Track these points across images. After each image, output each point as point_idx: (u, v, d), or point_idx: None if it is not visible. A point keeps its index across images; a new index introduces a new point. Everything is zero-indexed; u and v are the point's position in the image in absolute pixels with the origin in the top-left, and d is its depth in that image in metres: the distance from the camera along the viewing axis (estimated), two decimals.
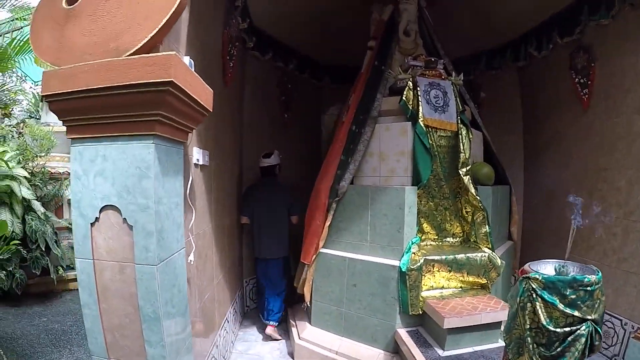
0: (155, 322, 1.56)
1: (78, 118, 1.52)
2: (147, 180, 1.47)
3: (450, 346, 2.36)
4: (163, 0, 1.47)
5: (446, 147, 2.88)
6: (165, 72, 1.36)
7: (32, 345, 3.25)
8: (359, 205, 2.79)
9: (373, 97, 2.95)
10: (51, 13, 1.61)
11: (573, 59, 3.41)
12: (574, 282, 1.56)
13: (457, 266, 2.64)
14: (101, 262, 1.58)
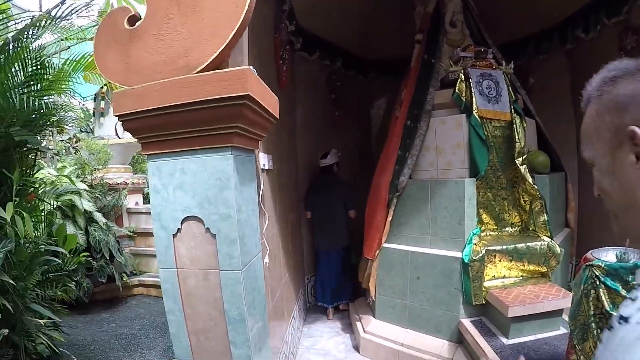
0: (240, 323, 1.69)
1: (153, 135, 1.63)
2: (228, 190, 1.59)
3: (514, 334, 2.45)
4: (228, 16, 1.57)
5: (501, 138, 2.95)
6: (242, 86, 1.45)
7: (104, 351, 3.48)
8: (418, 199, 2.91)
9: (425, 91, 3.04)
10: (114, 35, 1.72)
11: (622, 40, 3.38)
12: (636, 268, 1.67)
13: (518, 255, 2.71)
14: (184, 270, 1.71)
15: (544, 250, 2.73)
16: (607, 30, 3.49)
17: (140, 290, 4.92)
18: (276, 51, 2.89)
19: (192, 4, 1.57)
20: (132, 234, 4.96)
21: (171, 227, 1.66)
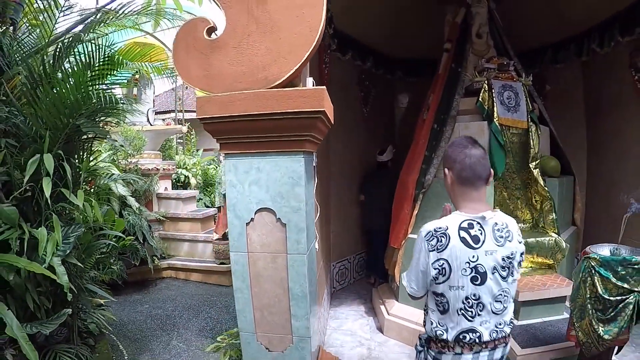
0: (302, 299, 2.16)
1: (234, 137, 2.07)
2: (299, 187, 2.06)
3: (523, 317, 2.96)
4: (303, 38, 1.99)
5: (518, 143, 3.42)
6: (319, 103, 1.90)
7: (141, 330, 3.94)
8: (442, 196, 3.34)
9: (451, 98, 3.51)
10: (194, 44, 2.13)
11: (633, 58, 3.86)
12: (624, 261, 2.19)
13: (528, 248, 3.16)
14: (254, 254, 2.18)
15: (552, 245, 3.20)
16: (620, 47, 3.95)
17: (169, 273, 5.47)
18: (320, 56, 3.36)
19: (270, 24, 2.02)
20: (163, 219, 5.48)
21: (245, 217, 2.13)
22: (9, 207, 2.33)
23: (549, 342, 2.74)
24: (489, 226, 1.52)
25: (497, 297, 1.51)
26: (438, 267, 1.50)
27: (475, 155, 1.58)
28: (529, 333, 2.84)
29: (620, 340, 2.31)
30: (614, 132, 4.20)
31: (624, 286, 2.16)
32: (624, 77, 3.97)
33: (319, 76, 3.36)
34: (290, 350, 2.23)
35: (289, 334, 2.21)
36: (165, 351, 3.56)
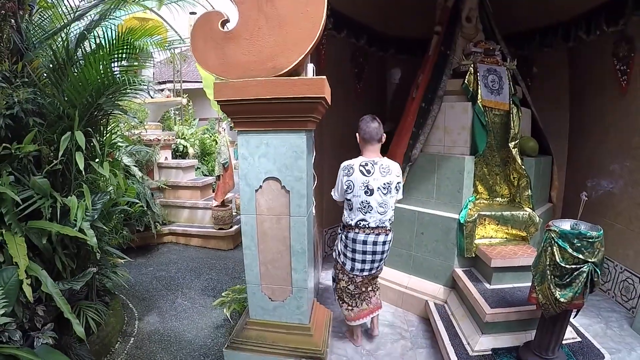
0: (302, 255, 2.68)
1: (246, 117, 2.53)
2: (301, 160, 2.54)
3: (495, 282, 3.49)
4: (307, 32, 2.42)
5: (499, 124, 3.89)
6: (320, 90, 2.37)
7: (147, 290, 4.53)
8: (427, 170, 3.91)
9: (439, 79, 3.97)
10: (211, 34, 2.54)
11: (616, 47, 4.29)
12: (580, 234, 2.64)
13: (504, 221, 3.73)
14: (262, 216, 2.68)
15: (525, 219, 3.73)
16: (605, 36, 4.36)
17: (170, 238, 6.08)
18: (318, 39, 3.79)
19: (278, 19, 2.46)
20: (164, 187, 6.01)
21: (254, 185, 2.62)
22: (41, 179, 2.79)
23: (516, 305, 3.23)
24: (377, 165, 2.98)
25: (380, 204, 2.98)
26: (347, 185, 2.96)
27: (372, 126, 3.04)
28: (499, 296, 3.35)
29: (575, 305, 2.77)
30: (594, 116, 4.71)
31: (578, 256, 2.61)
32: (606, 65, 4.42)
33: (317, 57, 3.81)
34: (289, 299, 2.76)
35: (289, 286, 2.73)
36: (172, 308, 4.14)
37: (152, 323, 3.89)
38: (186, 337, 3.65)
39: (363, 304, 3.32)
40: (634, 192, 4.17)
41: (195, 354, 3.40)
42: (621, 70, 4.26)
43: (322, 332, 2.94)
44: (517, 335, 3.20)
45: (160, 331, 3.74)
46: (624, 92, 4.26)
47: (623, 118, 4.31)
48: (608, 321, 4.01)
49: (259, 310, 2.84)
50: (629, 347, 3.58)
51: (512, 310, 3.17)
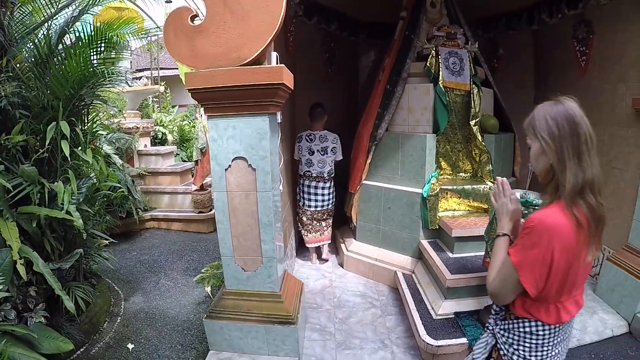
0: (269, 227, 3.09)
1: (215, 103, 2.90)
2: (265, 140, 2.93)
3: (457, 251, 3.96)
4: (267, 25, 2.78)
5: (460, 103, 4.36)
6: (279, 77, 2.74)
7: (132, 274, 4.98)
8: (392, 148, 4.37)
9: (403, 62, 4.40)
10: (181, 28, 2.90)
11: (576, 30, 4.77)
12: (526, 202, 3.01)
13: (465, 194, 4.21)
14: (232, 192, 3.07)
15: (486, 192, 4.20)
16: (566, 19, 4.82)
17: (152, 224, 6.56)
18: (286, 26, 4.21)
19: (242, 14, 2.86)
20: (144, 173, 6.46)
21: (224, 164, 3.01)
22: (29, 167, 3.18)
23: (476, 271, 3.69)
24: (317, 135, 4.69)
25: (319, 161, 4.69)
26: (298, 148, 4.72)
27: (316, 111, 4.68)
28: (460, 264, 3.81)
29: None
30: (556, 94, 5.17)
31: None
32: (567, 46, 4.91)
33: (285, 45, 4.23)
34: (261, 269, 3.19)
35: (259, 256, 3.16)
36: (156, 289, 4.59)
37: (137, 303, 4.32)
38: (170, 314, 4.09)
39: (316, 234, 4.97)
40: None
41: (178, 328, 3.84)
42: (581, 51, 4.74)
43: (293, 299, 3.38)
44: (479, 299, 3.66)
45: (145, 310, 4.17)
46: (583, 73, 4.75)
47: (582, 97, 4.69)
48: None
49: (233, 280, 3.27)
50: (592, 310, 4.06)
51: (472, 276, 3.62)
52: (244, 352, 3.25)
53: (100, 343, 3.60)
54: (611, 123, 4.40)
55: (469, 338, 3.28)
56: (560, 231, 1.48)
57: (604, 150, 4.49)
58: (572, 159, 1.53)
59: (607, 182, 4.45)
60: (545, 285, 1.52)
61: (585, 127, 1.57)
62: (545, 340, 1.63)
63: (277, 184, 3.23)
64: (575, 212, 1.49)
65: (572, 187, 1.51)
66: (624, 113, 4.25)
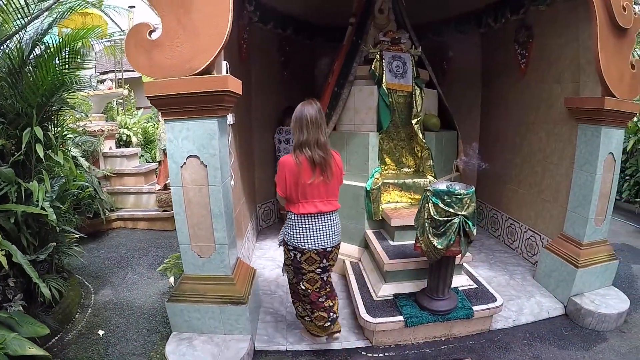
0: (220, 217, 3.85)
1: (170, 108, 3.64)
2: (214, 140, 3.67)
3: (397, 239, 4.79)
4: (215, 39, 3.50)
5: (403, 104, 5.20)
6: (224, 85, 3.50)
7: (100, 270, 5.79)
8: (338, 145, 5.20)
9: (350, 66, 5.24)
10: (140, 42, 3.61)
11: (517, 34, 5.68)
12: (449, 192, 3.74)
13: (406, 187, 5.06)
14: (187, 187, 3.82)
15: (427, 185, 4.99)
16: (509, 23, 5.74)
17: (118, 223, 7.43)
18: (239, 34, 5.03)
19: (193, 29, 3.61)
20: (110, 175, 7.30)
21: (180, 162, 3.76)
22: (6, 168, 3.94)
23: (412, 257, 4.41)
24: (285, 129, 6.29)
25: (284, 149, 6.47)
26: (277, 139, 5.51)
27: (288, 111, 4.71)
28: (399, 250, 4.59)
29: (452, 252, 3.84)
30: (500, 95, 6.15)
31: (449, 210, 3.67)
32: (509, 49, 5.83)
33: (239, 52, 5.06)
34: (214, 255, 3.95)
35: (213, 243, 3.91)
36: (123, 282, 5.38)
37: (106, 295, 5.10)
38: (136, 304, 4.87)
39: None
40: (532, 161, 5.59)
41: (145, 315, 4.62)
42: (521, 54, 5.66)
43: (245, 283, 4.15)
44: (417, 282, 4.46)
45: (114, 301, 4.95)
46: (523, 74, 5.68)
47: (522, 97, 5.73)
48: (513, 274, 5.42)
49: (191, 266, 4.03)
50: (529, 294, 4.92)
51: (409, 261, 4.41)
52: (202, 332, 4.00)
53: (73, 331, 4.35)
54: (547, 121, 5.28)
55: (404, 316, 4.04)
56: (287, 165, 3.44)
57: (541, 147, 5.40)
58: (298, 131, 3.44)
59: (545, 176, 5.37)
60: (288, 192, 3.52)
61: (307, 116, 3.40)
62: (294, 222, 3.57)
63: (227, 179, 4.00)
64: (296, 156, 3.42)
65: (295, 144, 3.48)
66: (558, 112, 5.08)
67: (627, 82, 4.53)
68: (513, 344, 4.17)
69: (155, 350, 3.99)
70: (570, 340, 4.27)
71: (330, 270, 3.82)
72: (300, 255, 3.63)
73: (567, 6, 4.85)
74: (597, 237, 4.82)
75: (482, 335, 4.33)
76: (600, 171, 4.56)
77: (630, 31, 4.43)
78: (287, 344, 4.08)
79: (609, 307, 4.53)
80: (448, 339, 4.28)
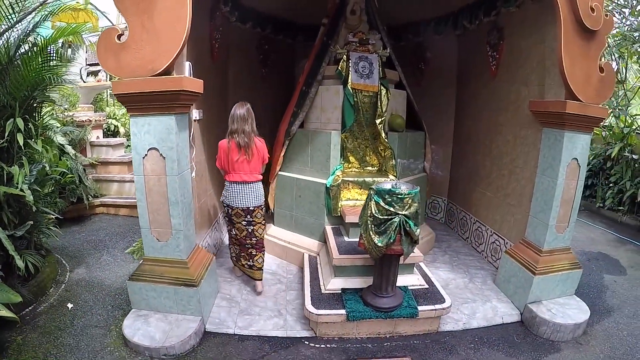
0: (176, 205, 4.66)
1: (135, 105, 4.42)
2: (172, 135, 4.47)
3: (352, 235, 5.52)
4: (174, 42, 4.25)
5: (369, 104, 5.93)
6: (180, 85, 4.27)
7: (79, 251, 6.73)
8: (303, 143, 6.00)
9: (319, 65, 6.01)
10: (110, 45, 4.39)
11: (489, 36, 6.35)
12: (390, 191, 4.31)
13: (366, 185, 5.80)
14: (148, 176, 4.62)
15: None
16: (482, 25, 6.39)
17: (101, 209, 8.54)
18: (211, 35, 5.86)
19: (155, 33, 4.39)
20: (95, 163, 8.39)
21: (142, 153, 4.55)
22: None
23: (362, 253, 4.90)
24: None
25: None
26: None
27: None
28: (352, 246, 5.25)
29: (394, 250, 4.29)
30: (473, 96, 6.88)
31: (390, 209, 4.15)
32: (482, 51, 6.51)
33: (210, 52, 5.93)
34: (171, 240, 4.74)
35: (170, 229, 4.71)
36: (97, 263, 6.32)
37: (80, 274, 6.02)
38: (106, 283, 5.77)
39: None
40: (500, 164, 6.22)
41: (112, 293, 5.50)
42: (492, 56, 6.33)
43: (199, 267, 4.93)
44: (365, 279, 5.06)
45: (86, 279, 5.86)
46: (494, 76, 6.34)
47: (492, 99, 6.41)
48: (474, 277, 6.06)
49: (150, 249, 4.85)
50: (486, 298, 5.44)
51: (357, 257, 5.06)
52: (158, 311, 4.82)
53: (45, 303, 5.25)
54: (514, 124, 5.88)
55: (347, 310, 4.62)
56: (222, 146, 5.13)
57: (508, 150, 6.02)
58: (230, 123, 5.09)
59: (511, 179, 5.97)
60: (223, 165, 5.21)
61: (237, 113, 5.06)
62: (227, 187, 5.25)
63: (185, 171, 4.85)
64: (228, 140, 5.07)
65: (228, 132, 5.10)
66: (525, 115, 5.56)
67: (594, 85, 4.80)
68: (459, 347, 4.61)
69: (115, 324, 4.83)
70: (520, 348, 4.64)
71: (254, 225, 5.37)
72: (230, 210, 5.33)
73: (536, 7, 5.32)
74: (558, 244, 5.19)
75: (428, 335, 4.81)
76: (562, 177, 4.90)
77: (599, 33, 4.73)
78: (236, 328, 4.81)
79: (565, 317, 4.87)
80: (393, 336, 4.80)
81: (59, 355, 4.29)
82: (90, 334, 4.68)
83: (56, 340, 4.51)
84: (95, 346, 4.47)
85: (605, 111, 5.06)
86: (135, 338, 4.42)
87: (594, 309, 5.30)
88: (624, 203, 8.95)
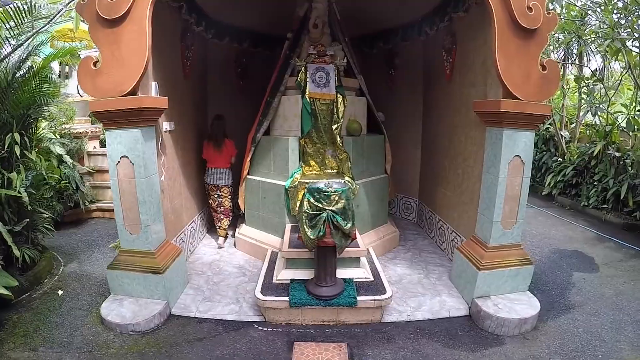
0: (144, 203, 6.35)
1: (108, 120, 6.08)
2: (139, 144, 6.12)
3: None
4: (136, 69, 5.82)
5: (326, 111, 7.37)
6: (141, 103, 5.87)
7: (73, 249, 8.61)
8: (266, 149, 7.59)
9: (282, 77, 7.57)
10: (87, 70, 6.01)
11: (444, 41, 7.64)
12: (318, 189, 5.71)
13: None
14: (121, 179, 6.32)
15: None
16: (440, 31, 7.71)
17: (97, 214, 10.62)
18: (182, 54, 7.50)
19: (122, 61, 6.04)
20: (92, 171, 10.53)
21: (115, 160, 6.23)
22: None
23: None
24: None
25: None
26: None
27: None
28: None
29: (325, 242, 5.36)
30: (435, 99, 8.31)
31: (318, 205, 5.28)
32: (440, 55, 7.81)
33: (183, 70, 7.64)
34: (141, 233, 6.32)
35: (139, 224, 6.31)
36: (89, 259, 8.14)
37: (72, 268, 7.80)
38: (94, 275, 7.51)
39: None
40: (455, 164, 7.47)
41: (98, 284, 7.20)
42: (447, 60, 7.63)
43: (165, 258, 6.45)
44: (312, 271, 6.18)
45: (77, 272, 7.62)
46: (449, 79, 7.66)
47: (449, 101, 7.71)
48: (430, 273, 7.29)
49: (125, 242, 6.46)
50: (437, 293, 6.49)
51: (302, 251, 6.14)
52: (132, 295, 6.32)
53: (40, 291, 6.98)
54: (465, 125, 7.05)
55: (290, 297, 5.75)
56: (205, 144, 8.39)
57: (461, 150, 7.22)
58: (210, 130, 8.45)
59: (464, 178, 7.14)
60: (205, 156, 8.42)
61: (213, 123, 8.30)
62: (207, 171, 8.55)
63: (152, 175, 6.52)
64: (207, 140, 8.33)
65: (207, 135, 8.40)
66: (473, 115, 6.42)
67: (535, 83, 5.38)
68: (398, 337, 5.44)
69: (95, 308, 6.42)
70: (460, 340, 5.34)
71: (222, 198, 8.57)
72: (207, 186, 8.53)
73: (479, 10, 6.11)
74: (506, 240, 5.91)
75: (370, 325, 5.73)
76: (504, 174, 5.57)
77: (540, 31, 5.31)
78: (197, 312, 6.18)
79: (511, 311, 5.50)
80: (336, 324, 5.79)
81: (46, 330, 5.76)
82: (75, 315, 6.20)
83: (45, 319, 6.05)
84: (77, 323, 5.96)
85: (547, 108, 5.66)
86: (109, 317, 5.83)
87: (553, 305, 6.10)
88: (608, 201, 10.05)
